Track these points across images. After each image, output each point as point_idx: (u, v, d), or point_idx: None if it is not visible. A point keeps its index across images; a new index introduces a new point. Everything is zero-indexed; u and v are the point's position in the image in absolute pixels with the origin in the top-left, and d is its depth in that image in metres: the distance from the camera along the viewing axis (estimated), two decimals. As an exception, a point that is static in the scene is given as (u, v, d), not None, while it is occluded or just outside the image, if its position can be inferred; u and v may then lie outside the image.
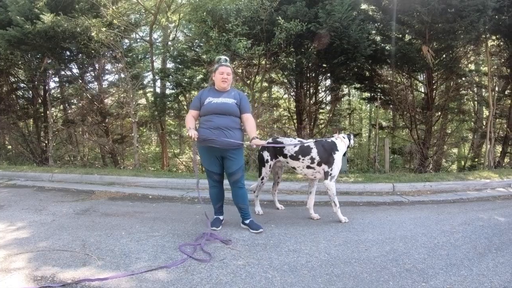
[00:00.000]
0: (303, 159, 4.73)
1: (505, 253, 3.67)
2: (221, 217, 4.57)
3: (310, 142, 4.82)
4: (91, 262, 3.31)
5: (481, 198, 6.41)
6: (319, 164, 4.70)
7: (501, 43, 11.72)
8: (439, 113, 11.45)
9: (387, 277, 3.09)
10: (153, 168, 12.06)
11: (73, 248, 3.64)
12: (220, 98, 4.26)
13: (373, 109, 17.30)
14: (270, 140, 5.04)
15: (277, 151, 4.89)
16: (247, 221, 4.45)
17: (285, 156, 4.86)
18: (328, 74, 10.64)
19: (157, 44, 13.07)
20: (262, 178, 5.03)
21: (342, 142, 4.82)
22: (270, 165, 4.94)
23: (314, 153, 4.70)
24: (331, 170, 4.65)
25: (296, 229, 4.40)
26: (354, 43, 8.24)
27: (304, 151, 4.74)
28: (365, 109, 19.26)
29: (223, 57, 4.45)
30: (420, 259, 3.49)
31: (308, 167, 4.74)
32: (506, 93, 12.32)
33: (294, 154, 4.77)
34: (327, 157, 4.68)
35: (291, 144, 4.80)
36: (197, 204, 5.74)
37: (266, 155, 4.93)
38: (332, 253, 3.61)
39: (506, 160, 12.42)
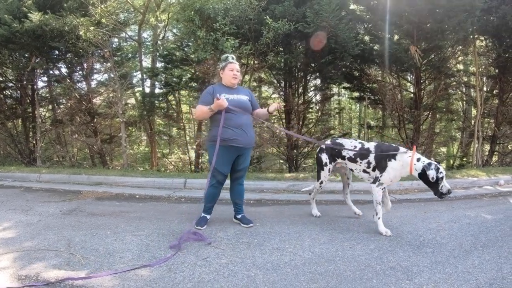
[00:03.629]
0: (360, 162, 4.48)
1: (491, 250, 3.70)
2: (208, 217, 4.54)
3: (370, 145, 4.50)
4: (75, 261, 3.31)
5: (468, 196, 6.47)
6: (374, 169, 4.40)
7: (489, 43, 11.83)
8: (427, 112, 11.51)
9: (370, 275, 3.09)
10: (142, 168, 12.00)
11: (58, 248, 3.64)
12: (234, 94, 4.28)
13: (362, 109, 17.37)
14: (328, 142, 4.82)
15: (335, 153, 4.67)
16: (239, 216, 4.57)
17: (343, 157, 4.64)
18: (317, 74, 10.62)
19: (147, 43, 13.00)
20: (321, 182, 4.80)
21: (409, 157, 4.12)
22: (329, 169, 4.72)
23: (372, 157, 4.40)
24: (381, 176, 4.29)
25: (281, 227, 4.40)
26: (341, 42, 8.25)
27: (362, 153, 4.46)
28: (354, 108, 19.36)
29: (230, 55, 4.49)
30: (405, 256, 3.51)
31: (364, 171, 4.49)
32: (494, 92, 12.40)
33: (353, 156, 4.53)
34: (381, 162, 4.32)
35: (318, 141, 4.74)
36: (183, 204, 5.74)
37: (324, 157, 4.72)
38: (316, 251, 3.61)
39: (494, 158, 12.55)
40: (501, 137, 12.07)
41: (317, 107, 12.08)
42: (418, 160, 4.08)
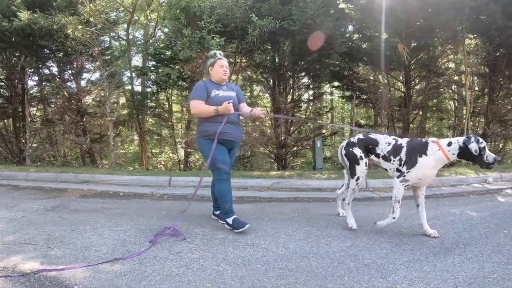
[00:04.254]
0: (393, 161, 4.11)
1: (474, 248, 3.62)
2: (235, 216, 4.24)
3: (403, 141, 4.16)
4: (52, 254, 3.36)
5: (455, 193, 6.44)
6: (403, 165, 4.04)
7: (479, 42, 11.85)
8: (417, 111, 11.53)
9: (343, 272, 3.05)
10: (131, 168, 11.96)
11: (38, 242, 3.67)
12: (223, 91, 4.28)
13: (353, 108, 17.45)
14: (361, 136, 4.41)
15: (370, 149, 4.31)
16: (217, 212, 4.58)
17: (377, 155, 4.26)
18: (304, 72, 10.62)
19: (138, 42, 13.01)
20: (358, 179, 4.27)
21: (439, 149, 3.87)
22: (366, 163, 4.27)
23: (403, 153, 4.05)
24: (407, 172, 3.93)
25: (259, 224, 4.37)
26: (327, 40, 8.25)
27: (396, 150, 4.11)
28: (346, 108, 19.40)
29: (217, 51, 4.45)
30: (382, 254, 3.45)
31: (397, 169, 4.08)
32: (484, 91, 12.42)
33: (387, 155, 4.16)
34: (411, 157, 3.98)
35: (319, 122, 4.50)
36: (165, 201, 5.72)
37: (358, 151, 4.29)
38: (290, 248, 3.58)
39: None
40: (491, 136, 12.09)
41: (307, 106, 12.08)
42: (450, 144, 3.83)
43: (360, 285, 2.82)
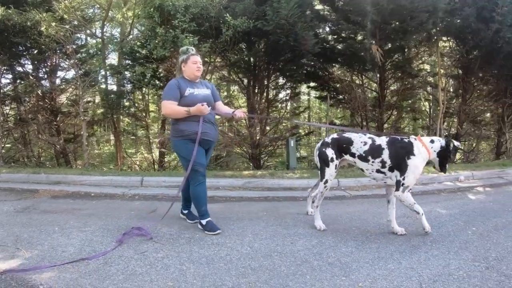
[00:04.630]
0: (372, 161, 4.03)
1: (440, 246, 3.66)
2: (210, 218, 4.18)
3: (382, 141, 4.07)
4: (19, 255, 3.35)
5: (426, 191, 6.50)
6: (390, 170, 3.98)
7: (453, 44, 12.09)
8: (391, 111, 11.70)
9: (305, 270, 3.06)
10: (106, 168, 11.82)
11: (6, 243, 3.65)
12: (198, 89, 4.14)
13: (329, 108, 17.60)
14: (335, 135, 4.32)
15: (344, 149, 4.20)
16: (186, 211, 4.58)
17: (353, 155, 4.15)
18: (278, 72, 10.65)
19: (115, 40, 12.81)
20: (326, 182, 4.19)
21: (423, 146, 3.97)
22: (336, 165, 4.18)
23: (386, 155, 3.98)
24: (403, 179, 3.90)
25: (226, 223, 4.36)
26: (300, 40, 8.28)
27: (374, 151, 4.03)
28: (323, 108, 19.54)
29: (190, 47, 4.32)
30: (347, 252, 3.47)
31: (378, 171, 4.04)
32: (458, 92, 12.66)
33: (364, 154, 4.07)
34: (399, 161, 3.93)
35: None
36: (136, 201, 5.67)
37: (330, 152, 4.17)
38: (255, 247, 3.59)
39: (458, 155, 12.82)
40: (464, 135, 12.35)
41: (282, 106, 12.13)
42: (432, 141, 4.00)
43: (322, 283, 2.84)
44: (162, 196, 5.85)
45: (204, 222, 4.08)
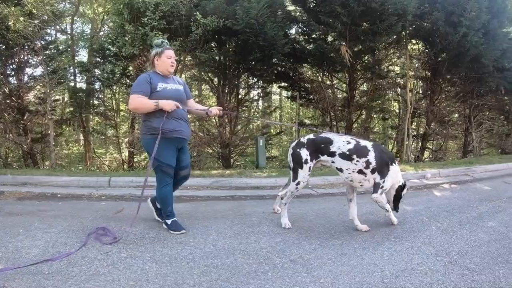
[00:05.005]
0: (357, 160, 3.97)
1: (404, 241, 3.71)
2: (175, 218, 4.12)
3: (367, 144, 4.09)
4: None
5: (393, 189, 6.64)
6: (373, 172, 3.99)
7: (422, 47, 12.40)
8: (360, 111, 11.91)
9: (267, 268, 3.07)
10: (75, 169, 11.60)
11: None
12: (171, 84, 3.98)
13: (299, 108, 17.74)
14: (311, 136, 4.21)
15: (322, 149, 4.09)
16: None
17: (332, 154, 4.05)
18: (248, 72, 10.67)
19: (86, 37, 12.59)
20: (298, 184, 4.11)
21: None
22: (310, 167, 4.08)
23: (372, 156, 3.98)
24: (383, 182, 4.00)
25: (191, 222, 4.34)
26: (270, 40, 8.33)
27: (360, 151, 3.99)
28: (294, 107, 19.72)
29: (164, 40, 4.12)
30: (310, 249, 3.49)
31: (360, 171, 3.99)
32: (426, 93, 12.98)
33: (347, 153, 3.98)
34: (382, 165, 4.01)
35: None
36: (102, 202, 5.58)
37: (305, 154, 4.07)
38: (219, 245, 3.59)
39: (426, 154, 13.19)
40: (431, 135, 12.70)
41: (252, 105, 12.16)
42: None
43: (283, 280, 2.85)
44: (129, 196, 5.78)
45: (169, 222, 4.04)
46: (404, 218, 4.54)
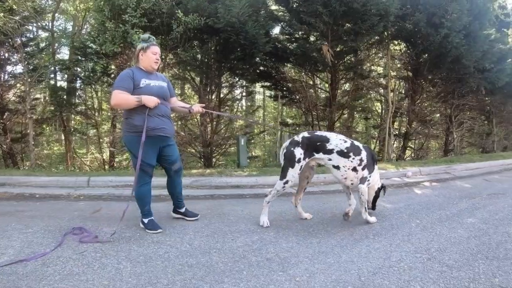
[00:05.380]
0: (353, 158, 4.09)
1: (383, 239, 3.71)
2: (152, 217, 4.10)
3: (358, 143, 4.26)
4: None
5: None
6: (363, 169, 4.17)
7: (404, 48, 12.52)
8: (342, 110, 11.99)
9: (243, 266, 3.07)
10: (55, 169, 11.44)
11: None
12: (154, 81, 3.92)
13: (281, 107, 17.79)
14: (306, 134, 4.19)
15: (318, 147, 4.10)
16: (182, 210, 4.41)
17: (329, 152, 4.09)
18: (230, 71, 10.64)
19: (66, 34, 12.41)
20: (286, 182, 4.07)
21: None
22: (301, 166, 4.06)
23: (364, 155, 4.16)
24: (369, 176, 4.22)
25: (169, 222, 4.33)
26: (251, 39, 8.33)
27: (355, 149, 4.12)
28: (277, 107, 19.80)
29: (151, 36, 4.05)
30: (287, 247, 3.48)
31: (354, 169, 4.13)
32: (408, 93, 13.11)
33: (345, 150, 4.07)
34: (370, 163, 4.23)
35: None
36: (80, 202, 5.52)
37: (299, 152, 4.03)
38: (195, 244, 3.57)
39: (408, 153, 13.35)
40: (413, 134, 12.84)
41: (233, 104, 12.14)
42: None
43: (258, 279, 2.84)
44: (107, 196, 5.72)
45: (146, 221, 4.01)
46: (383, 216, 4.57)
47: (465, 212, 4.87)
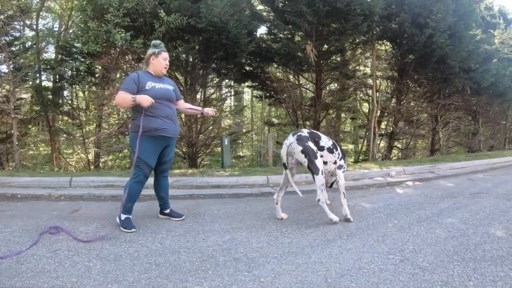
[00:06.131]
0: (335, 153, 4.58)
1: (357, 239, 3.67)
2: (131, 216, 4.14)
3: (332, 141, 4.76)
4: None
5: (356, 186, 6.65)
6: (341, 159, 4.69)
7: (389, 48, 12.62)
8: (327, 110, 12.05)
9: (209, 266, 3.07)
10: (40, 170, 11.35)
11: None
12: (160, 84, 4.05)
13: (268, 107, 17.78)
14: (307, 130, 4.56)
15: (315, 143, 4.38)
16: (167, 211, 4.46)
17: (321, 148, 4.41)
18: (213, 71, 10.64)
19: (50, 33, 12.29)
20: (321, 172, 4.22)
21: None
22: (320, 156, 4.38)
23: (339, 149, 4.71)
24: (344, 163, 4.78)
25: (144, 221, 4.35)
26: (233, 38, 8.35)
27: (335, 146, 4.63)
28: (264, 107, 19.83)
29: (161, 42, 4.23)
30: (257, 247, 3.46)
31: (335, 162, 4.62)
32: (394, 94, 13.21)
33: (331, 147, 4.53)
34: (343, 154, 4.80)
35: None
36: (61, 202, 5.50)
37: (312, 144, 4.30)
38: (166, 243, 3.59)
39: (395, 152, 13.45)
40: (399, 133, 12.94)
41: (217, 104, 12.12)
42: None
43: (222, 278, 2.84)
44: (88, 196, 5.71)
45: (123, 217, 4.04)
46: (361, 216, 4.54)
47: (445, 212, 4.82)
